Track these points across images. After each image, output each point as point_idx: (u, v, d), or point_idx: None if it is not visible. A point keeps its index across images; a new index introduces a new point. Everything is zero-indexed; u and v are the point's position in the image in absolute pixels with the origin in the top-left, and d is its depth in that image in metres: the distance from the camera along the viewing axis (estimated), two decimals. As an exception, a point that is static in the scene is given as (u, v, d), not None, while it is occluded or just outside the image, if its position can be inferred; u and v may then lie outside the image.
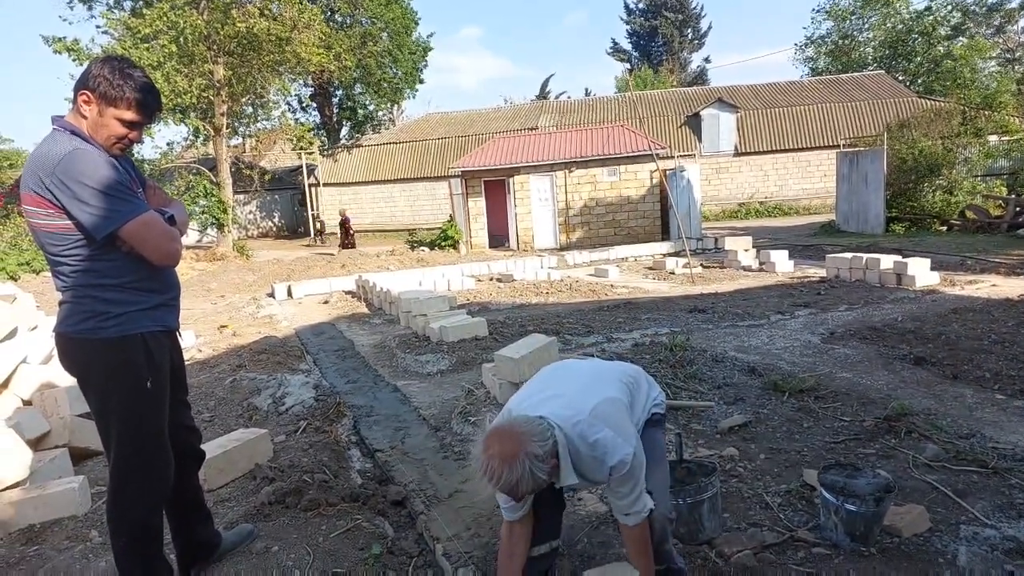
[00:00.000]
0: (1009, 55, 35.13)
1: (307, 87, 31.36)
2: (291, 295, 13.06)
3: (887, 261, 9.95)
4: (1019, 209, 15.35)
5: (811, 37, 40.23)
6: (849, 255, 10.81)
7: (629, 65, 52.17)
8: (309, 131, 28.45)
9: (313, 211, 28.85)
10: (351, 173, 31.61)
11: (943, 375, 5.31)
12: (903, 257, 10.28)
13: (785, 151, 27.68)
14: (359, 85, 30.27)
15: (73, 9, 22.84)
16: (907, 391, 4.99)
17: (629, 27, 53.90)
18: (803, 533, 3.04)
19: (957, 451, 3.77)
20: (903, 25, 34.09)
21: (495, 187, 20.45)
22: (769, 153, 27.83)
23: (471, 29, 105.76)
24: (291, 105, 31.33)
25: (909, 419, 4.23)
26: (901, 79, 32.39)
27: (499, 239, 20.92)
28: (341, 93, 32.67)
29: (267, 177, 27.80)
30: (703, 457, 3.84)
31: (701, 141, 28.07)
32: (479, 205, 20.63)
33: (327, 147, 32.10)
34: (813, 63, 40.82)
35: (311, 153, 29.26)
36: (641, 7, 53.01)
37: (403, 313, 9.18)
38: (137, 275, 2.44)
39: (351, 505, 3.53)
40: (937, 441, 3.92)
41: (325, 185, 31.24)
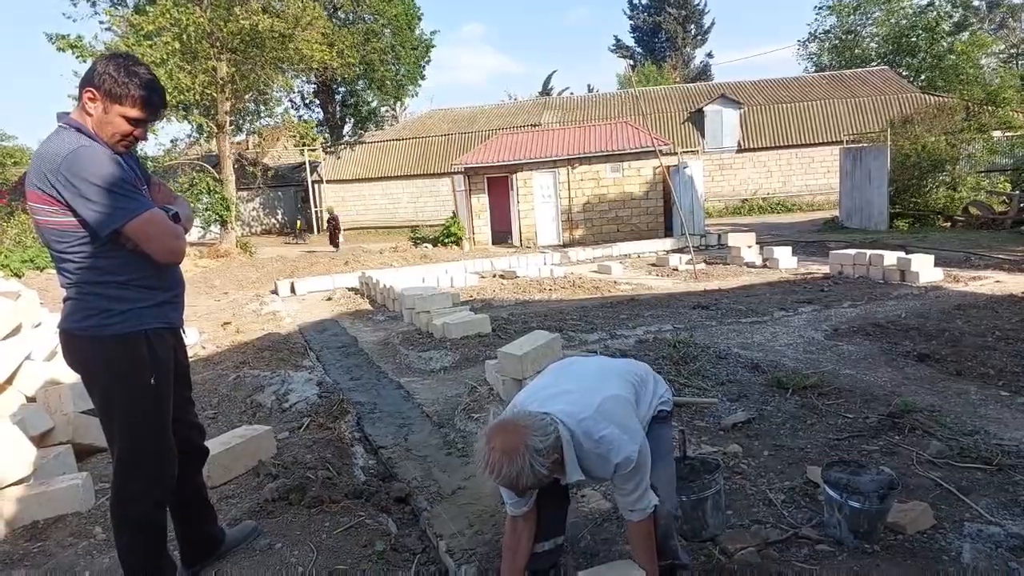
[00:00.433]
0: (1013, 50, 34.98)
1: (310, 84, 31.33)
2: (294, 292, 13.08)
3: (891, 257, 9.93)
4: (1023, 205, 15.30)
5: (814, 33, 40.15)
6: (853, 251, 10.80)
7: (632, 61, 52.10)
8: (312, 128, 28.45)
9: (316, 208, 28.89)
10: (354, 170, 31.63)
11: (947, 372, 5.30)
12: (907, 253, 10.26)
13: (788, 147, 27.61)
14: (362, 82, 30.22)
15: (77, 6, 22.88)
16: (911, 388, 4.98)
17: (632, 23, 53.84)
18: (807, 530, 3.04)
19: (961, 448, 3.76)
20: (907, 20, 33.95)
21: (498, 184, 20.44)
22: (772, 149, 27.76)
23: (474, 26, 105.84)
24: (294, 102, 31.38)
25: (913, 416, 4.22)
26: (905, 75, 32.26)
27: (502, 236, 20.89)
28: (344, 90, 32.64)
29: (270, 174, 27.79)
30: (706, 454, 3.84)
31: (704, 137, 28.02)
32: (482, 202, 20.62)
33: (330, 144, 32.10)
34: (816, 59, 40.71)
35: (314, 150, 29.26)
36: (644, 3, 52.90)
37: (406, 310, 9.18)
38: (141, 272, 2.44)
39: (354, 502, 3.54)
40: (941, 438, 3.92)
41: (328, 182, 31.25)
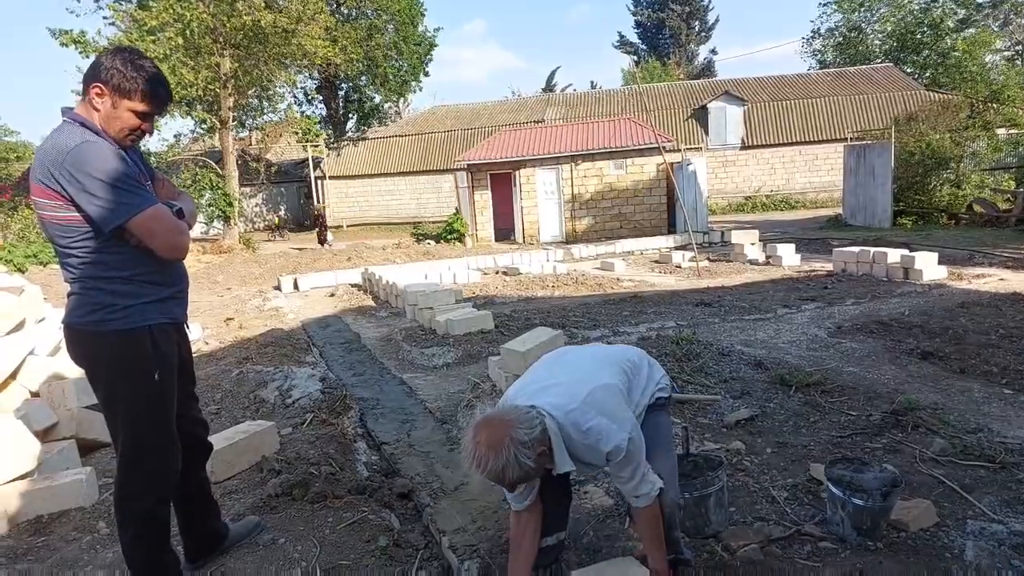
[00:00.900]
0: (1018, 47, 34.80)
1: (313, 80, 31.27)
2: (297, 288, 13.09)
3: (894, 255, 9.91)
4: (1028, 203, 15.26)
5: (819, 30, 40.02)
6: (856, 249, 10.78)
7: (636, 58, 51.93)
8: (315, 124, 28.40)
9: (319, 204, 28.82)
10: (357, 166, 31.63)
11: (950, 369, 5.30)
12: (910, 251, 10.23)
13: (792, 144, 27.54)
14: (365, 78, 30.17)
15: (80, 1, 22.87)
16: (914, 385, 4.98)
17: (636, 19, 53.70)
18: (810, 527, 3.04)
19: (964, 446, 3.76)
20: (912, 17, 33.82)
21: (501, 180, 20.41)
22: (776, 146, 27.70)
23: (477, 22, 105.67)
24: (297, 98, 31.26)
25: (916, 414, 4.22)
26: (909, 72, 32.16)
27: (505, 232, 20.88)
28: (347, 86, 32.58)
29: (273, 170, 27.76)
30: (709, 451, 3.84)
31: (708, 134, 27.96)
32: (485, 198, 20.59)
33: (333, 140, 32.07)
34: (821, 56, 40.57)
35: (317, 146, 29.20)
36: (648, -1, 52.79)
37: (409, 306, 9.19)
38: (145, 268, 2.44)
39: (357, 497, 3.54)
40: (944, 436, 3.91)
41: (331, 178, 31.24)
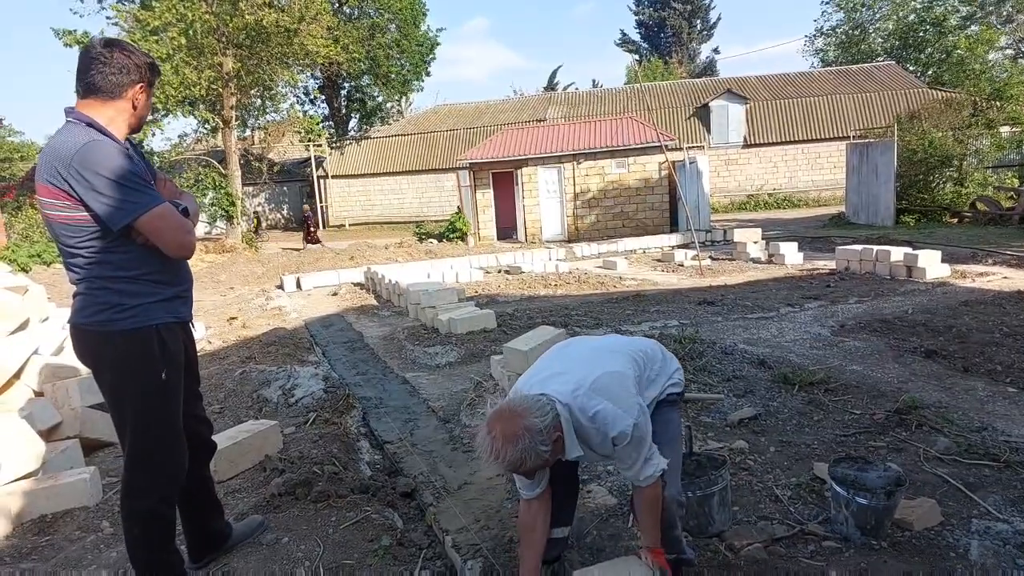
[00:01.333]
0: (1021, 44, 34.69)
1: (315, 79, 31.30)
2: (300, 287, 13.11)
3: (897, 253, 9.89)
4: (1031, 201, 15.22)
5: (821, 28, 39.95)
6: (859, 247, 10.76)
7: (638, 56, 51.86)
8: (318, 123, 28.40)
9: (322, 203, 28.82)
10: (359, 165, 31.65)
11: (954, 368, 5.28)
12: (913, 249, 10.22)
13: (795, 142, 27.51)
14: (367, 77, 30.18)
15: (83, 1, 22.89)
16: (918, 384, 4.97)
17: (638, 18, 53.59)
18: (813, 526, 3.03)
19: (968, 444, 3.75)
20: (914, 16, 33.75)
21: (503, 179, 20.40)
22: (778, 144, 27.67)
23: (480, 20, 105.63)
24: (299, 97, 31.30)
25: (920, 412, 4.21)
26: (912, 70, 32.09)
27: (507, 231, 20.88)
28: (349, 85, 32.61)
29: (275, 169, 27.76)
30: (713, 450, 3.83)
31: (710, 132, 27.93)
32: (487, 197, 20.59)
33: (335, 139, 32.10)
34: (823, 54, 40.49)
35: (319, 145, 29.25)
36: (650, -2, 52.68)
37: (412, 305, 9.19)
38: (151, 267, 2.44)
39: (360, 497, 3.54)
40: (948, 434, 3.90)
41: (333, 177, 31.28)
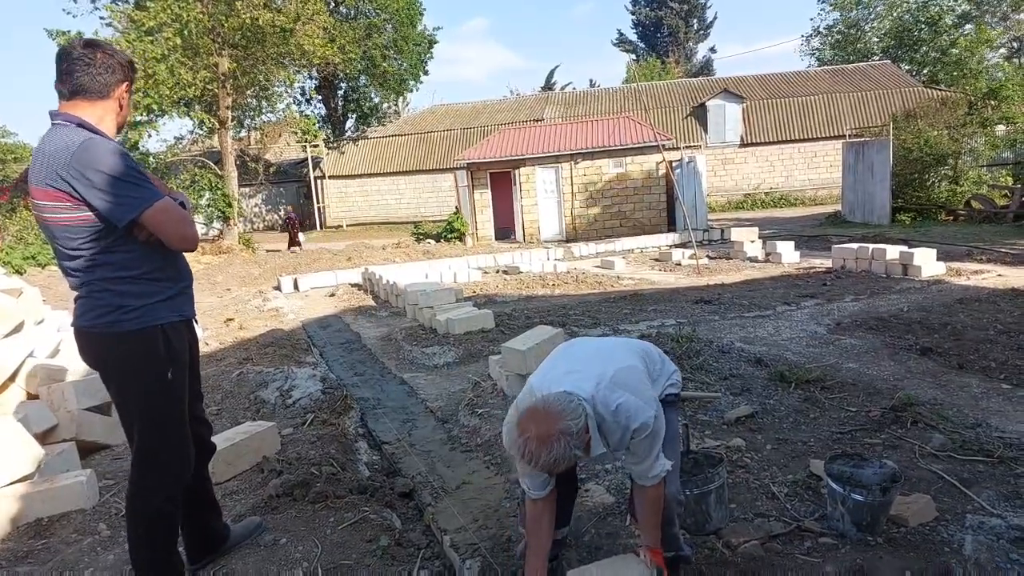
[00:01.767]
0: (1016, 43, 34.79)
1: (312, 79, 31.27)
2: (297, 288, 13.09)
3: (893, 251, 9.91)
4: (1025, 199, 15.25)
5: (817, 28, 40.03)
6: (855, 245, 10.78)
7: (635, 56, 51.91)
8: (314, 124, 28.38)
9: (319, 204, 28.77)
10: (356, 165, 31.63)
11: (949, 365, 5.30)
12: (909, 247, 10.25)
13: (791, 141, 27.55)
14: (364, 77, 30.16)
15: (77, 2, 22.83)
16: (913, 381, 4.99)
17: (634, 17, 53.62)
18: (810, 523, 3.04)
19: (963, 441, 3.76)
20: (910, 15, 33.81)
21: (501, 179, 20.40)
22: (775, 144, 27.71)
23: (478, 20, 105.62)
24: (296, 97, 31.28)
25: (915, 409, 4.22)
26: (907, 69, 32.15)
27: (505, 231, 20.88)
28: (346, 85, 32.58)
29: (272, 170, 27.71)
30: (710, 448, 3.84)
31: (707, 132, 27.96)
32: (485, 197, 20.59)
33: (332, 139, 32.07)
34: (819, 54, 40.57)
35: (316, 146, 29.20)
36: (646, -3, 52.71)
37: (409, 305, 9.19)
38: (153, 264, 2.44)
39: (359, 497, 3.55)
40: (943, 431, 3.92)
41: (330, 178, 31.25)
